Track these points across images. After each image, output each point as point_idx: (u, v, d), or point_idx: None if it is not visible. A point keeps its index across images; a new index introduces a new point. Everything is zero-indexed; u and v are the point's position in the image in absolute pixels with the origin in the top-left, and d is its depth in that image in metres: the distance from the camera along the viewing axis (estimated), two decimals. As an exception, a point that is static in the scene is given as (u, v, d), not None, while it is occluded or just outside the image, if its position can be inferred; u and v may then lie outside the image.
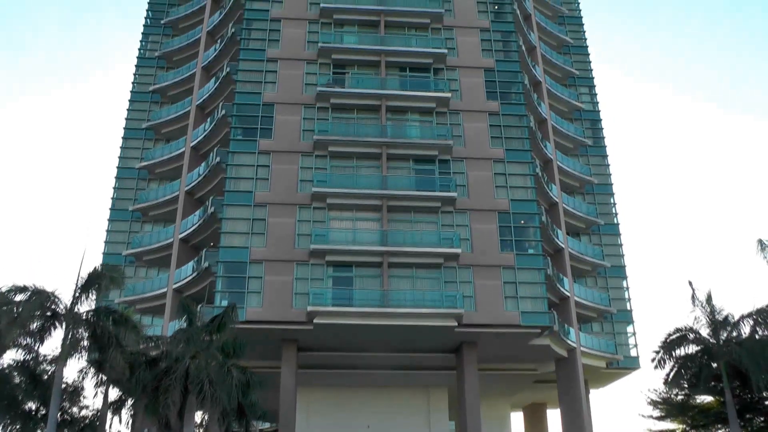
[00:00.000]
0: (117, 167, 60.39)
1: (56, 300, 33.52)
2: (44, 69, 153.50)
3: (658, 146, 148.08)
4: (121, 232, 57.76)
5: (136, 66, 65.11)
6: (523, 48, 59.70)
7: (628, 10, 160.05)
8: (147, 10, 68.27)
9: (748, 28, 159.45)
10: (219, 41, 59.99)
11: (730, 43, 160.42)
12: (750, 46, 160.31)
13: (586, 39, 69.59)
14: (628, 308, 59.27)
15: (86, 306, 34.09)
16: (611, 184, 63.71)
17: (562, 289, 53.30)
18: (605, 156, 65.24)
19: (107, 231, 57.73)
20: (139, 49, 66.13)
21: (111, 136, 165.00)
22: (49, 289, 33.41)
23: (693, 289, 40.22)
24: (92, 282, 34.37)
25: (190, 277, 50.77)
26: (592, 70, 67.88)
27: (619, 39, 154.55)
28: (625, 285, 60.22)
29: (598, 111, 66.30)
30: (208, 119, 56.57)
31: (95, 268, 35.20)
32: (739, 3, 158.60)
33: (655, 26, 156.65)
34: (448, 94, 52.94)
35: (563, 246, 55.83)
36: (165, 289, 52.30)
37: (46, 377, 38.08)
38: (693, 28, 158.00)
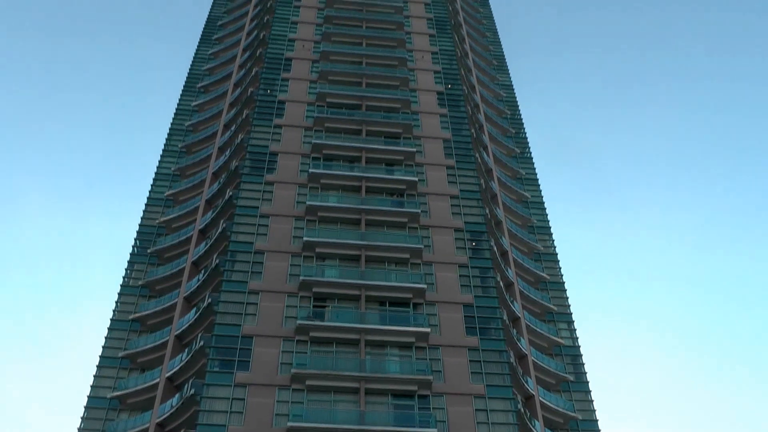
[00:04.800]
0: (88, 396, 58.62)
1: None
2: (24, 299, 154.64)
3: (641, 380, 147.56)
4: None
5: (118, 294, 65.19)
6: (501, 284, 60.98)
7: (603, 242, 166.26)
8: (135, 239, 69.69)
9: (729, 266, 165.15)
10: (203, 271, 60.92)
11: (710, 280, 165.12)
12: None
13: (562, 275, 71.03)
14: None
15: None
16: (596, 421, 62.12)
17: None
18: (588, 392, 64.31)
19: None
20: (124, 277, 66.64)
21: (83, 366, 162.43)
22: None
23: None
24: None
25: None
26: (570, 305, 68.82)
27: (596, 275, 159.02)
28: None
29: (579, 347, 66.30)
30: (186, 350, 56.05)
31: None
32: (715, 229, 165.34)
33: (633, 265, 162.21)
34: (428, 330, 53.39)
35: (548, 487, 53.58)
36: None
37: None
38: (669, 272, 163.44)
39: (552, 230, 74.88)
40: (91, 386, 59.21)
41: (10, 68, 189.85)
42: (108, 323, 62.95)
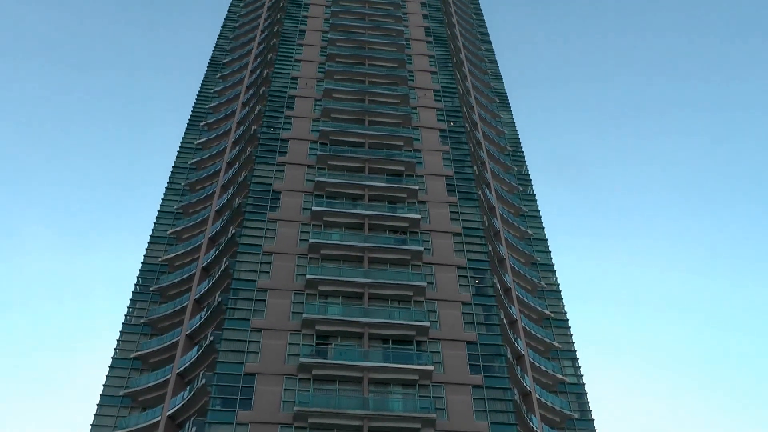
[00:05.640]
0: (91, 437, 58.11)
1: None
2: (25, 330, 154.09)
3: (647, 417, 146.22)
4: None
5: (120, 331, 64.93)
6: (505, 321, 60.72)
7: (608, 278, 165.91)
8: (138, 277, 69.59)
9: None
10: (205, 309, 60.77)
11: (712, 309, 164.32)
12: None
13: (566, 312, 70.74)
14: None
15: None
16: (601, 461, 61.65)
17: None
18: (593, 430, 63.68)
19: None
20: (126, 315, 66.40)
21: (85, 404, 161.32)
22: None
23: None
24: None
25: None
26: (574, 343, 68.39)
27: (600, 311, 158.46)
28: None
29: (583, 384, 65.80)
30: (188, 388, 55.71)
31: None
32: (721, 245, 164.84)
33: (636, 299, 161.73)
34: (431, 367, 53.14)
35: None
36: None
37: None
38: (672, 303, 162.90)
39: (555, 267, 74.81)
40: (92, 425, 58.70)
41: (14, 103, 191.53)
42: (109, 361, 62.70)
